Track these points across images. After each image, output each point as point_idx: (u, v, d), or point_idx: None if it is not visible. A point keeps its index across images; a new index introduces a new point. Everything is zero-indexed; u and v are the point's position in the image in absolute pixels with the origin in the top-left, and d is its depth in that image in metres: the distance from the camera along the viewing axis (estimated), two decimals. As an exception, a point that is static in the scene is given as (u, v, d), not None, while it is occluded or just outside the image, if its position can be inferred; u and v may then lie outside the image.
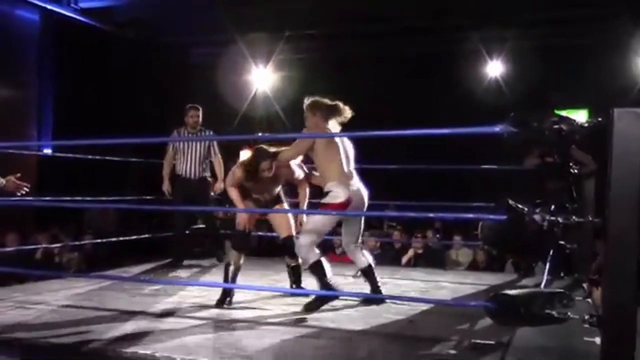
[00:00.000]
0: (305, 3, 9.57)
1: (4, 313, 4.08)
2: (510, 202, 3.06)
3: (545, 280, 4.72)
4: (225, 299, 4.50)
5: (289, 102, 11.88)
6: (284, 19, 10.00)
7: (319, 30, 10.89)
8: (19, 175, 4.20)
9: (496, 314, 2.95)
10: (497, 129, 2.91)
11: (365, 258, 4.76)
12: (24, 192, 4.21)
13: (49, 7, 9.67)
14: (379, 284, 4.73)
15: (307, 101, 4.65)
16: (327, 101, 4.64)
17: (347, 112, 4.65)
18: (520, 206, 3.05)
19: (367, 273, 4.75)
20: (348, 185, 4.46)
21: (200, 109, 6.73)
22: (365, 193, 4.61)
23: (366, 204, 4.62)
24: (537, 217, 3.01)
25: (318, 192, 4.67)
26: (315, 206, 4.67)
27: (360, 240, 4.79)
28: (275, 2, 9.66)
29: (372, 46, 11.52)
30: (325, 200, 4.44)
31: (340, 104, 4.66)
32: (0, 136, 7.90)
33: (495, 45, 10.67)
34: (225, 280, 4.72)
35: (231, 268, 4.72)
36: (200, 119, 6.68)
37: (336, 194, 4.40)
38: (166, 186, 6.59)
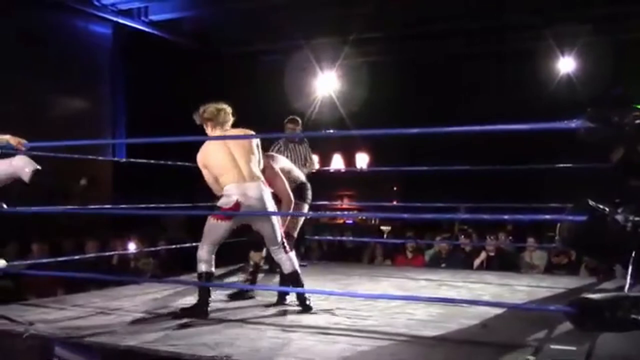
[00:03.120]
0: (369, 6, 9.55)
1: (85, 318, 4.23)
2: (591, 202, 2.93)
3: (629, 283, 4.51)
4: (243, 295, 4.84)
5: (354, 106, 11.88)
6: (349, 23, 10.00)
7: (383, 33, 10.85)
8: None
9: (578, 319, 2.83)
10: (573, 124, 2.78)
11: (291, 262, 4.50)
12: (22, 149, 4.36)
13: (120, 20, 10.01)
14: (305, 294, 4.47)
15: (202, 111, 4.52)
16: (213, 108, 4.51)
17: (228, 118, 4.50)
18: (601, 206, 2.92)
19: (292, 279, 4.52)
20: (240, 188, 4.30)
21: (299, 121, 6.74)
22: (262, 192, 4.35)
23: (267, 203, 4.37)
24: (619, 217, 2.87)
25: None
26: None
27: (281, 242, 4.47)
28: (339, 7, 9.68)
29: (440, 46, 11.39)
30: (219, 204, 4.36)
31: (224, 109, 4.50)
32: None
33: (567, 42, 10.35)
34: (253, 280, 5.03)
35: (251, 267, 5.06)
36: (299, 131, 6.72)
37: (227, 198, 4.29)
38: None
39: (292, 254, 4.55)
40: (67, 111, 9.90)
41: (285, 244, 4.50)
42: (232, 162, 4.35)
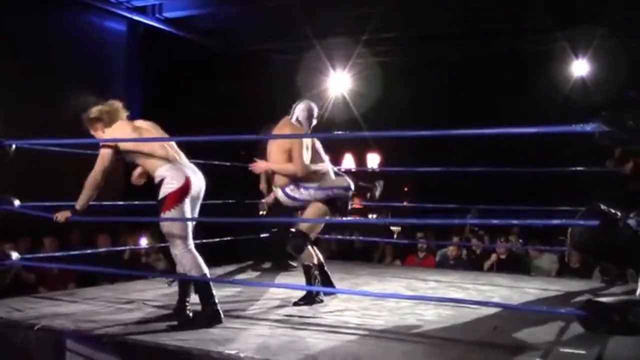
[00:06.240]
0: (382, 7, 9.53)
1: (97, 311, 4.26)
2: (603, 206, 2.92)
3: (640, 287, 4.49)
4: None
5: (367, 106, 11.88)
6: (362, 23, 9.98)
7: (396, 34, 10.83)
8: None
9: (589, 322, 2.82)
10: (588, 128, 2.76)
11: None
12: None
13: (135, 17, 10.04)
14: (188, 298, 4.04)
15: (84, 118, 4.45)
16: (101, 108, 4.51)
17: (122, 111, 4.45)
18: (613, 211, 2.92)
19: (181, 283, 4.11)
20: (179, 166, 3.98)
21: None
22: (201, 176, 4.06)
23: (203, 189, 4.07)
24: (631, 222, 2.86)
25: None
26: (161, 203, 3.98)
27: (189, 241, 4.05)
28: (353, 7, 9.67)
29: (452, 48, 11.34)
30: (163, 193, 3.90)
31: (115, 104, 4.49)
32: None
33: (581, 45, 10.29)
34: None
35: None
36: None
37: (170, 181, 3.91)
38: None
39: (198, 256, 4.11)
40: (81, 108, 9.92)
41: None
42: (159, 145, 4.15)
